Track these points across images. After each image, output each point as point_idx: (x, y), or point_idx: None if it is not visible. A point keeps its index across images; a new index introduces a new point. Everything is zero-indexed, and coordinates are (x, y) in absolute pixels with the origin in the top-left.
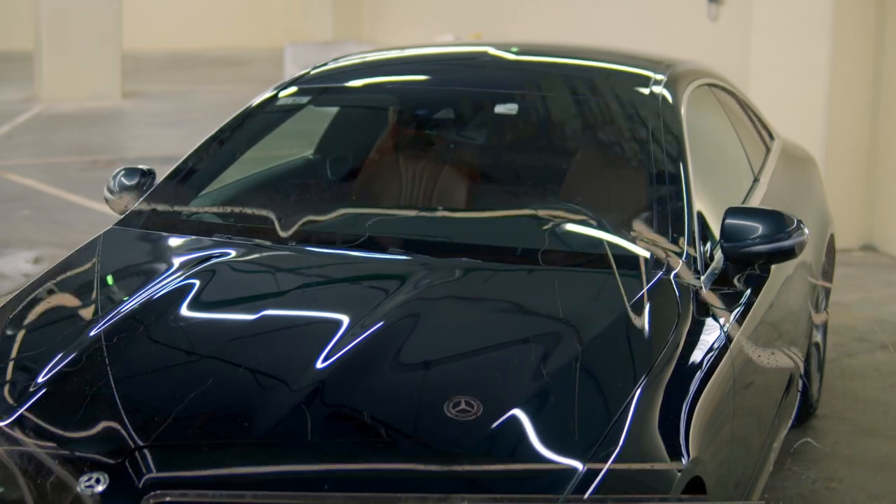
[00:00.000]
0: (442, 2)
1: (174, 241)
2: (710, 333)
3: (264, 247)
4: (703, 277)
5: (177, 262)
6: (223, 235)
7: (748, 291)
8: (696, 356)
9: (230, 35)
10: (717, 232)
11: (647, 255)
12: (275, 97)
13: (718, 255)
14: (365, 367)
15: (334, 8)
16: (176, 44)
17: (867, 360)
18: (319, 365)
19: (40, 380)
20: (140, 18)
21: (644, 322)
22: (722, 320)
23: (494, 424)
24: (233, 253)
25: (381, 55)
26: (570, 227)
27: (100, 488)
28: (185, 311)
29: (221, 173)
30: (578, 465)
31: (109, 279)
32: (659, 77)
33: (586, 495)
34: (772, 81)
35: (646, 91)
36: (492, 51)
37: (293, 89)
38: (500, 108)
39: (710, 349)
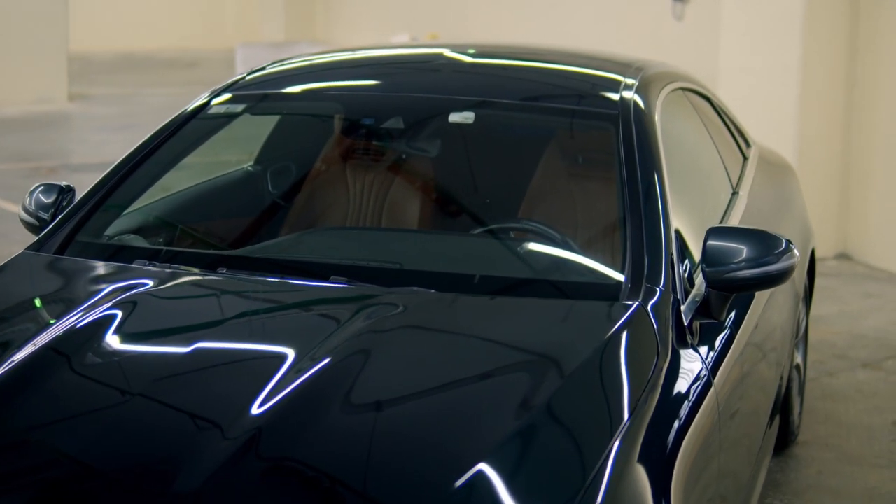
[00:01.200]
0: (398, 1)
1: (92, 269)
2: (692, 366)
3: (194, 273)
4: (683, 307)
5: (94, 292)
6: (148, 261)
7: (732, 313)
8: (679, 396)
9: (183, 35)
10: (696, 253)
11: (622, 281)
12: (207, 104)
13: (699, 279)
14: (309, 412)
15: (286, 8)
16: (126, 45)
17: (848, 379)
18: (256, 409)
19: None
20: (89, 18)
21: (620, 360)
22: (704, 349)
23: (458, 482)
24: (159, 281)
25: (325, 58)
26: (533, 250)
27: None
28: (102, 348)
29: (147, 190)
30: None
31: (15, 313)
32: (629, 81)
33: None
34: (741, 83)
35: (615, 97)
36: (447, 53)
37: (227, 96)
38: (454, 117)
39: (694, 382)
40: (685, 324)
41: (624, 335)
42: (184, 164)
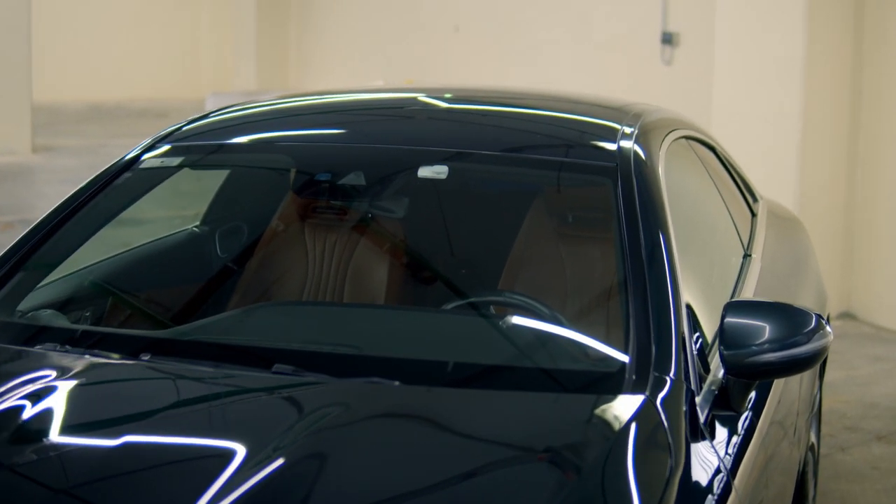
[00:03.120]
0: (372, 48)
1: None
2: (709, 468)
3: (114, 360)
4: (698, 398)
5: None
6: (60, 345)
7: (752, 393)
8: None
9: (156, 85)
10: (707, 327)
11: (625, 369)
12: (138, 157)
13: (715, 363)
14: None
15: (258, 56)
16: (97, 94)
17: (863, 454)
18: None
19: None
20: (58, 67)
21: (627, 471)
22: (721, 443)
23: None
24: (69, 370)
25: (277, 104)
26: (518, 331)
27: None
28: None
29: (67, 258)
30: None
31: None
32: (628, 129)
33: None
34: (736, 130)
35: (612, 147)
36: (419, 98)
37: (165, 147)
38: (424, 172)
39: (711, 484)
40: (701, 421)
41: (630, 438)
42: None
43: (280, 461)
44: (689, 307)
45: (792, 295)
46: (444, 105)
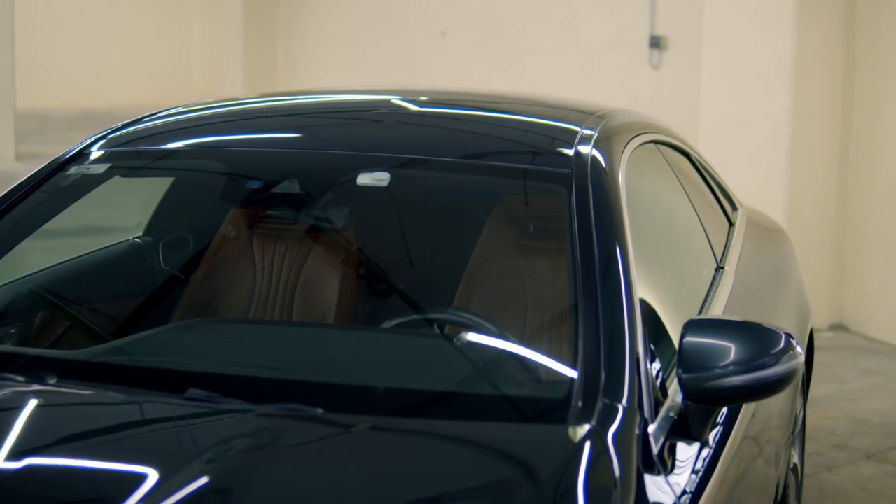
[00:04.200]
0: (359, 54)
1: None
2: (665, 501)
3: (18, 385)
4: (653, 427)
5: None
6: None
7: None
8: None
9: (149, 92)
10: (671, 348)
11: (572, 395)
12: (66, 163)
13: (674, 387)
14: None
15: (245, 62)
16: (89, 100)
17: (850, 474)
18: None
19: None
20: (50, 74)
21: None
22: (679, 477)
23: None
24: None
25: (218, 107)
26: (460, 352)
27: None
28: None
29: None
30: None
31: None
32: (588, 132)
33: None
34: (724, 136)
35: (569, 151)
36: (380, 101)
37: (96, 154)
38: (364, 179)
39: None
40: (654, 453)
41: (575, 474)
42: None
43: (174, 498)
44: (649, 326)
45: (767, 310)
46: (401, 109)
